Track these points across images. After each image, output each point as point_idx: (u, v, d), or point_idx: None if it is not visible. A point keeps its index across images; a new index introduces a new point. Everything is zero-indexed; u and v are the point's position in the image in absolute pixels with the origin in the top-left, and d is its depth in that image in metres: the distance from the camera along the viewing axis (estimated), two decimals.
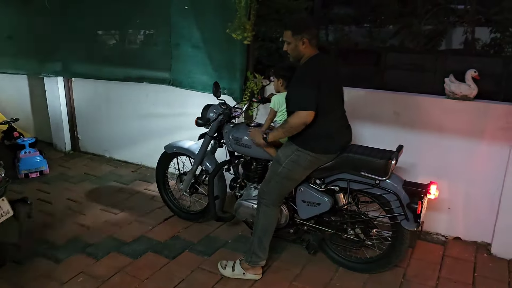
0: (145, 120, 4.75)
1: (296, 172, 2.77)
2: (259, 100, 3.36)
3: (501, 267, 3.06)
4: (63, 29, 4.80)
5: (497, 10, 16.68)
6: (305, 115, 2.55)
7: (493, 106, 3.14)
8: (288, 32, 2.65)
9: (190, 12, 3.93)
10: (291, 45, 2.66)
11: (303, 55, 2.67)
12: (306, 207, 2.91)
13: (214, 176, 3.29)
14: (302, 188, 2.90)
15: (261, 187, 2.90)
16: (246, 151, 3.14)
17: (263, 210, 2.86)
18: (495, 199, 3.18)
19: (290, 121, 2.64)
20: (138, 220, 3.69)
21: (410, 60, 11.49)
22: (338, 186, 2.83)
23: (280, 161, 2.77)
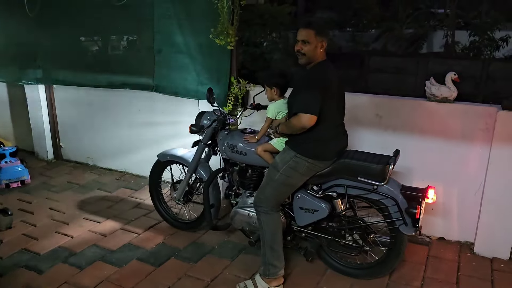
0: (129, 127, 4.71)
1: (293, 178, 2.76)
2: (253, 107, 3.35)
3: (484, 265, 3.10)
4: (44, 36, 4.74)
5: (476, 14, 17.07)
6: (307, 118, 2.53)
7: (473, 107, 3.20)
8: (311, 32, 2.60)
9: (173, 18, 3.93)
10: (311, 45, 2.60)
11: (316, 58, 2.65)
12: (303, 214, 2.90)
13: (209, 184, 3.25)
14: (300, 194, 2.89)
15: (257, 194, 2.87)
16: (241, 158, 3.11)
17: (264, 219, 2.83)
18: (476, 199, 3.23)
19: (292, 120, 2.65)
20: (123, 228, 3.65)
21: (393, 64, 11.68)
22: (336, 192, 2.82)
23: (277, 167, 2.76)
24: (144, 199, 4.18)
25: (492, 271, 3.04)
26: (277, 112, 2.95)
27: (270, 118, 2.97)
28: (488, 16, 15.84)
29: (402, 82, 9.90)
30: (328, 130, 2.70)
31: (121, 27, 4.62)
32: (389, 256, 2.86)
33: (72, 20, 4.58)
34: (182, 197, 3.50)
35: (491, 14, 16.16)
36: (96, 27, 4.68)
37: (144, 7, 4.07)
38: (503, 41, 12.96)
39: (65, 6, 4.53)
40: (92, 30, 4.79)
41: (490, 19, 14.33)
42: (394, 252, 2.83)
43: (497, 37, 13.02)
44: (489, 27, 13.21)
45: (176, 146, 3.73)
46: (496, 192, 3.10)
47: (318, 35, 2.60)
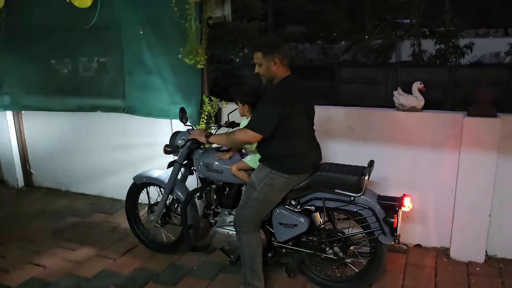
0: (102, 150, 4.64)
1: (271, 195, 2.76)
2: (227, 124, 3.34)
3: (460, 270, 3.16)
4: (10, 61, 4.64)
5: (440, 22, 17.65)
6: (252, 136, 2.59)
7: (440, 115, 3.29)
8: (258, 54, 2.62)
9: (142, 39, 3.92)
10: (263, 66, 2.63)
11: (276, 75, 2.66)
12: (283, 229, 2.89)
13: (186, 204, 3.21)
14: (278, 210, 2.88)
15: (236, 214, 2.85)
16: (218, 176, 3.09)
17: (244, 239, 2.81)
18: (449, 204, 3.30)
19: (236, 133, 2.68)
20: (98, 254, 3.55)
21: (363, 74, 11.96)
22: (314, 205, 2.83)
23: (254, 186, 2.75)
24: (120, 223, 4.10)
25: (468, 275, 3.09)
26: None
27: None
28: (452, 24, 16.47)
29: (373, 92, 10.14)
30: (301, 144, 2.72)
31: (90, 49, 4.56)
32: (370, 267, 2.87)
33: (39, 43, 4.49)
34: (159, 219, 3.44)
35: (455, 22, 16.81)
36: (65, 50, 4.60)
37: (112, 29, 4.04)
38: (468, 48, 13.45)
39: (32, 30, 4.45)
40: (60, 53, 4.71)
41: (454, 27, 14.90)
42: (374, 262, 2.84)
43: (462, 44, 13.52)
44: (453, 35, 13.71)
45: (151, 167, 3.68)
46: (467, 196, 3.17)
47: (266, 55, 2.60)
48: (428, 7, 16.66)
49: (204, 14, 3.57)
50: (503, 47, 14.46)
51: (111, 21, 4.02)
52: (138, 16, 3.86)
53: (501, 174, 3.12)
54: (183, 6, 3.45)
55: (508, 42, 14.51)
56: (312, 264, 3.02)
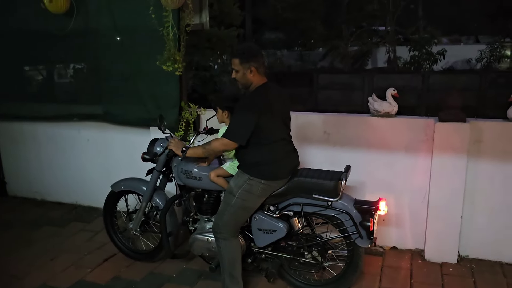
0: (78, 158, 4.57)
1: (250, 201, 2.78)
2: (206, 131, 3.35)
3: (434, 271, 3.24)
4: None
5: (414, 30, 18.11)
6: (228, 144, 2.65)
7: (413, 120, 3.39)
8: (236, 60, 2.67)
9: (120, 46, 3.91)
10: (239, 73, 2.68)
11: (251, 83, 2.70)
12: (262, 235, 2.91)
13: (165, 212, 3.19)
14: (257, 216, 2.90)
15: (215, 221, 2.86)
16: (197, 183, 3.09)
17: (223, 245, 2.82)
18: (423, 207, 3.39)
19: (213, 143, 2.71)
20: (75, 264, 3.50)
21: (340, 80, 12.17)
22: (292, 210, 2.87)
23: (233, 192, 2.76)
24: (97, 232, 4.04)
25: (442, 275, 3.18)
26: None
27: None
28: (426, 31, 16.95)
29: (350, 98, 10.33)
30: (278, 150, 2.75)
31: (66, 55, 4.50)
32: (348, 270, 2.92)
33: (13, 49, 4.43)
34: (138, 227, 3.42)
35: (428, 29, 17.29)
36: (40, 56, 4.54)
37: (89, 35, 4.02)
38: (440, 55, 13.87)
39: (5, 35, 4.38)
40: (35, 59, 4.65)
41: (427, 35, 15.34)
42: (352, 266, 2.90)
43: (435, 51, 13.93)
44: (427, 42, 14.11)
45: (130, 175, 3.65)
46: (439, 199, 3.27)
47: (243, 62, 2.65)
48: (403, 15, 17.12)
49: (182, 21, 3.60)
50: (474, 53, 14.95)
51: (87, 27, 4.00)
52: (115, 23, 3.86)
53: (471, 177, 3.23)
54: (160, 14, 3.47)
55: (478, 49, 15.01)
56: (291, 268, 3.06)
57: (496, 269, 3.23)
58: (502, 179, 3.22)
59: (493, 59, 14.36)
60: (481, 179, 3.25)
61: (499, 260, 3.32)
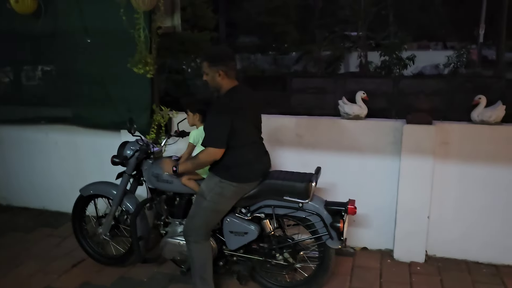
0: (46, 162, 4.45)
1: (221, 204, 2.77)
2: (177, 134, 3.33)
3: (403, 270, 3.32)
4: None
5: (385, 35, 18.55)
6: (214, 152, 2.61)
7: (382, 123, 3.47)
8: (205, 63, 2.69)
9: (90, 47, 3.83)
10: (209, 76, 2.69)
11: (221, 86, 2.70)
12: (234, 237, 2.91)
13: (136, 216, 3.14)
14: (229, 218, 2.89)
15: (186, 224, 2.84)
16: (168, 187, 3.06)
17: (194, 249, 2.80)
18: (392, 208, 3.47)
19: (199, 156, 2.68)
20: (42, 270, 3.40)
21: (313, 84, 12.32)
22: (264, 213, 2.87)
23: (204, 195, 2.75)
24: (66, 237, 3.94)
25: (410, 274, 3.25)
26: (199, 138, 2.97)
27: (192, 144, 3.00)
28: (396, 37, 17.37)
29: (323, 101, 10.46)
30: (250, 153, 2.76)
31: (35, 57, 4.38)
32: (319, 271, 2.95)
33: None
34: (108, 232, 3.36)
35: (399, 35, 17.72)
36: (6, 57, 4.41)
37: (58, 37, 3.93)
38: (410, 60, 14.23)
39: None
40: (2, 61, 4.51)
41: (397, 40, 15.73)
42: (322, 266, 2.92)
43: (405, 57, 14.29)
44: (397, 47, 14.47)
45: (100, 179, 3.57)
46: (408, 200, 3.35)
47: (212, 65, 2.66)
48: (374, 21, 17.51)
49: (154, 24, 3.57)
50: (442, 59, 15.42)
51: (56, 28, 3.92)
52: (85, 25, 3.79)
53: (438, 178, 3.32)
54: (132, 16, 3.43)
55: (446, 54, 15.50)
56: (263, 270, 3.06)
57: (461, 267, 3.34)
58: (467, 179, 3.32)
59: (459, 65, 14.84)
60: (447, 180, 3.35)
61: (465, 258, 3.43)
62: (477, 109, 3.25)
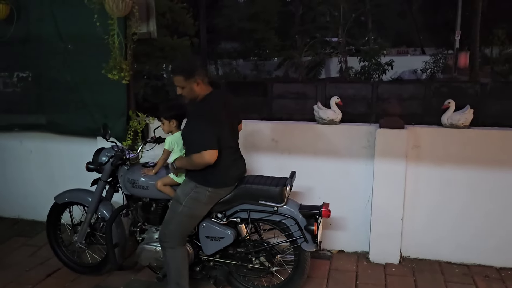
0: (20, 170, 4.38)
1: (197, 209, 2.78)
2: (153, 140, 3.31)
3: (378, 272, 3.37)
4: None
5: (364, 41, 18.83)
6: (210, 154, 2.58)
7: (356, 127, 3.53)
8: (179, 78, 2.64)
9: (64, 54, 3.80)
10: (186, 89, 2.66)
11: (198, 95, 2.70)
12: (210, 242, 2.91)
13: (111, 223, 3.12)
14: (205, 224, 2.90)
15: (162, 230, 2.83)
16: (144, 193, 3.05)
17: (169, 255, 2.79)
18: (367, 211, 3.52)
19: (194, 159, 2.63)
20: (16, 280, 3.33)
21: (294, 89, 12.42)
22: (240, 217, 2.89)
23: (179, 200, 2.75)
24: (41, 246, 3.88)
25: (385, 276, 3.30)
26: (174, 144, 2.97)
27: (167, 150, 2.99)
28: (375, 43, 17.67)
29: (303, 106, 10.54)
30: (225, 158, 2.75)
31: (7, 64, 4.32)
32: (295, 274, 2.97)
33: None
34: (84, 240, 3.32)
35: (378, 41, 18.03)
36: None
37: (32, 43, 3.89)
38: (388, 65, 14.49)
39: None
40: None
41: (377, 46, 16.00)
42: (298, 270, 2.95)
43: (383, 62, 14.55)
44: (376, 53, 14.72)
45: (76, 187, 3.53)
46: (382, 202, 3.41)
47: (187, 78, 2.63)
48: (354, 27, 17.78)
49: (129, 29, 3.56)
50: (419, 64, 15.73)
51: (29, 34, 3.88)
52: (59, 30, 3.76)
53: (410, 180, 3.39)
54: (106, 22, 3.42)
55: (423, 60, 15.82)
56: (239, 275, 3.07)
57: (435, 268, 3.40)
58: (439, 181, 3.40)
59: (436, 70, 15.17)
60: (420, 182, 3.42)
61: (438, 259, 3.50)
62: (447, 113, 3.34)
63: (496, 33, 15.63)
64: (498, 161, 3.27)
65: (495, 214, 3.35)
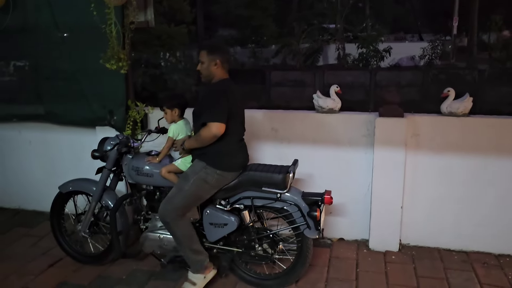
0: (20, 160, 4.37)
1: (202, 190, 2.83)
2: (158, 130, 3.33)
3: (378, 259, 3.40)
4: None
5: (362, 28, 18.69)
6: (217, 127, 2.65)
7: (355, 116, 3.53)
8: (203, 52, 2.80)
9: (61, 43, 3.77)
10: (204, 64, 2.79)
11: (214, 76, 2.80)
12: (213, 229, 2.95)
13: (115, 211, 3.15)
14: (209, 210, 2.94)
15: (163, 206, 2.85)
16: (148, 180, 3.10)
17: (174, 225, 2.84)
18: (367, 199, 3.54)
19: (202, 133, 2.71)
20: (17, 271, 3.35)
21: (292, 77, 12.37)
22: (243, 204, 2.93)
23: (188, 178, 2.80)
24: (42, 236, 3.89)
25: (385, 263, 3.34)
26: (178, 132, 3.00)
27: (171, 137, 3.02)
28: (373, 29, 17.55)
29: (302, 94, 10.51)
30: (234, 143, 2.85)
31: (5, 53, 4.28)
32: (297, 263, 3.00)
33: None
34: (87, 229, 3.33)
35: (376, 27, 17.90)
36: None
37: (29, 33, 3.84)
38: (386, 52, 14.41)
39: None
40: None
41: (375, 32, 15.89)
42: (301, 258, 2.98)
43: (381, 49, 14.46)
44: (374, 40, 14.62)
45: (76, 177, 3.52)
46: (381, 190, 3.43)
47: (210, 54, 2.78)
48: (351, 13, 17.63)
49: (126, 18, 3.53)
50: (417, 51, 15.66)
51: (26, 24, 3.84)
52: (56, 20, 3.72)
53: (410, 169, 3.41)
54: (103, 11, 3.38)
55: (421, 46, 15.74)
56: (242, 262, 3.10)
57: (434, 255, 3.44)
58: (437, 170, 3.42)
59: (434, 56, 15.10)
60: (419, 171, 3.44)
61: (437, 246, 3.54)
62: (446, 102, 3.34)
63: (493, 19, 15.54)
64: (498, 149, 3.28)
65: (494, 202, 3.37)
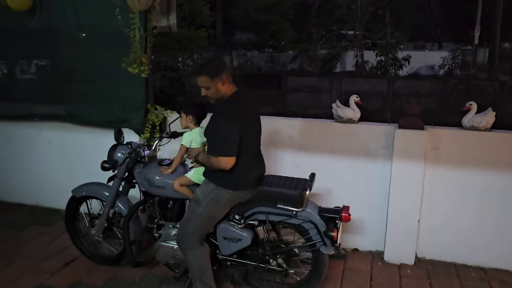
0: (38, 159, 4.44)
1: (216, 210, 2.76)
2: (169, 135, 3.28)
3: (393, 272, 3.35)
4: None
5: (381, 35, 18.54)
6: (226, 162, 2.55)
7: (374, 127, 3.49)
8: (205, 78, 2.59)
9: (85, 45, 3.83)
10: (211, 89, 2.61)
11: (224, 94, 2.64)
12: (227, 243, 2.89)
13: (129, 219, 3.11)
14: (222, 225, 2.87)
15: (180, 231, 2.82)
16: (160, 192, 3.04)
17: (190, 254, 2.78)
18: (383, 210, 3.49)
19: (212, 160, 2.61)
20: (33, 269, 3.39)
21: (309, 83, 12.33)
22: (257, 219, 2.85)
23: (199, 201, 2.73)
24: (59, 235, 3.94)
25: (400, 277, 3.29)
26: (191, 140, 2.97)
27: (185, 146, 2.99)
28: (392, 37, 17.41)
29: (318, 100, 10.47)
30: (248, 160, 2.70)
31: (29, 54, 4.38)
32: (312, 276, 2.95)
33: None
34: (101, 233, 3.35)
35: (395, 35, 17.75)
36: (1, 54, 4.39)
37: (52, 33, 3.91)
38: (405, 60, 14.27)
39: None
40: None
41: (394, 40, 15.76)
42: (316, 272, 2.92)
43: (400, 57, 14.33)
44: (393, 48, 14.50)
45: (94, 177, 3.54)
46: (398, 203, 3.38)
47: (213, 78, 2.58)
48: (371, 20, 17.52)
49: (149, 23, 3.57)
50: (437, 60, 15.47)
51: (51, 26, 3.91)
52: (80, 23, 3.78)
53: (428, 182, 3.36)
54: (127, 15, 3.43)
55: (441, 55, 15.54)
56: (256, 276, 3.04)
57: (450, 271, 3.38)
58: (456, 184, 3.36)
59: (454, 66, 14.90)
60: (437, 184, 3.39)
61: (453, 261, 3.47)
62: (468, 115, 3.28)
63: None
64: None
65: None
